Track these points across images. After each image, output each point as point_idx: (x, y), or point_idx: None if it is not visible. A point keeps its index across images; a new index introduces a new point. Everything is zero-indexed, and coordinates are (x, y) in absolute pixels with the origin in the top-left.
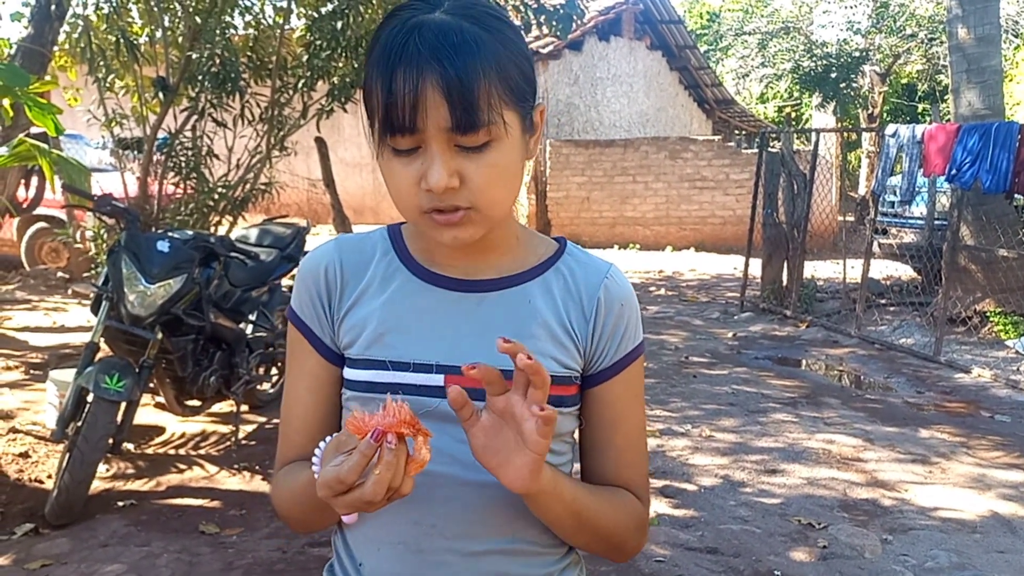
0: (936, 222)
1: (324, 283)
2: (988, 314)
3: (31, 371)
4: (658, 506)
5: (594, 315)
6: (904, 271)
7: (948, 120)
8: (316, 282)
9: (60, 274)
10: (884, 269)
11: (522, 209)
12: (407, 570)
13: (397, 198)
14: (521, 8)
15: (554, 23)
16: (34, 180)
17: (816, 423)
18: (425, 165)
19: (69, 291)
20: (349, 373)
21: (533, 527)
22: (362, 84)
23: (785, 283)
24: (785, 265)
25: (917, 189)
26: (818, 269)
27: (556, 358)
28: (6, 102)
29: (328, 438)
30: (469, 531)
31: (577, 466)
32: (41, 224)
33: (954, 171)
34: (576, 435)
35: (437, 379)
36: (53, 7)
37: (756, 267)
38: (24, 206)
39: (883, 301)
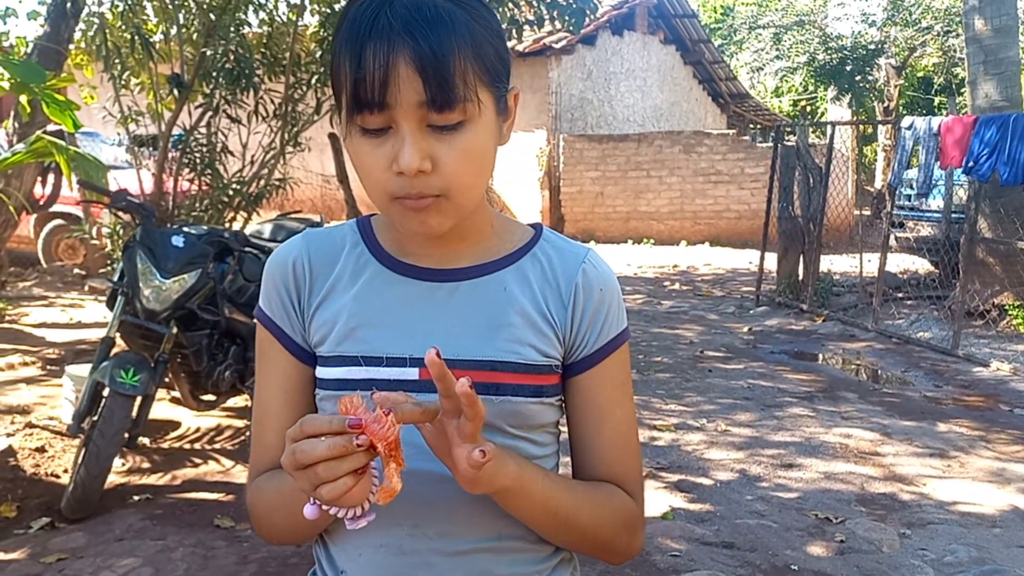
0: (953, 215)
1: (292, 279)
2: (1007, 307)
3: (47, 367)
4: (673, 500)
5: (572, 301)
6: (921, 265)
7: (965, 112)
8: (284, 278)
9: (76, 271)
10: (901, 263)
11: (535, 204)
12: (391, 573)
13: (366, 183)
14: (534, 3)
15: (567, 18)
16: (51, 177)
17: (833, 417)
18: (396, 147)
19: (85, 287)
20: (321, 372)
21: (520, 524)
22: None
23: (801, 277)
24: (801, 259)
25: (934, 182)
26: (834, 263)
27: (535, 346)
28: (23, 99)
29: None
30: (453, 530)
31: (567, 459)
32: (58, 221)
33: (971, 163)
34: (563, 427)
35: (411, 373)
36: (69, 5)
37: (772, 261)
38: (41, 203)
39: (900, 295)
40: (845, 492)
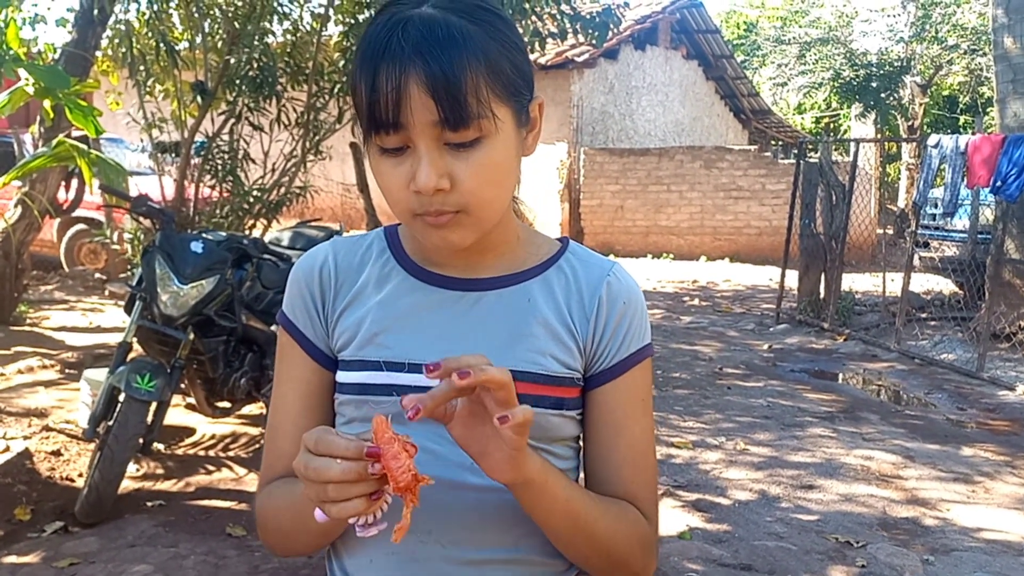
0: (979, 235)
1: (318, 284)
2: None
3: (66, 370)
4: (691, 520)
5: (595, 313)
6: (945, 285)
7: (992, 131)
8: (309, 283)
9: (98, 275)
10: (925, 283)
11: (555, 217)
12: None
13: (389, 200)
14: (557, 16)
15: (590, 31)
16: (74, 182)
17: (854, 438)
18: (413, 167)
19: (106, 292)
20: (342, 376)
21: (536, 535)
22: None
23: (822, 295)
24: (822, 277)
25: (960, 201)
26: (856, 282)
27: (557, 357)
28: (47, 104)
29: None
30: (467, 538)
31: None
32: (80, 226)
33: (999, 183)
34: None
35: (432, 380)
36: (96, 12)
37: (792, 278)
38: (64, 207)
39: (924, 315)
40: (866, 515)
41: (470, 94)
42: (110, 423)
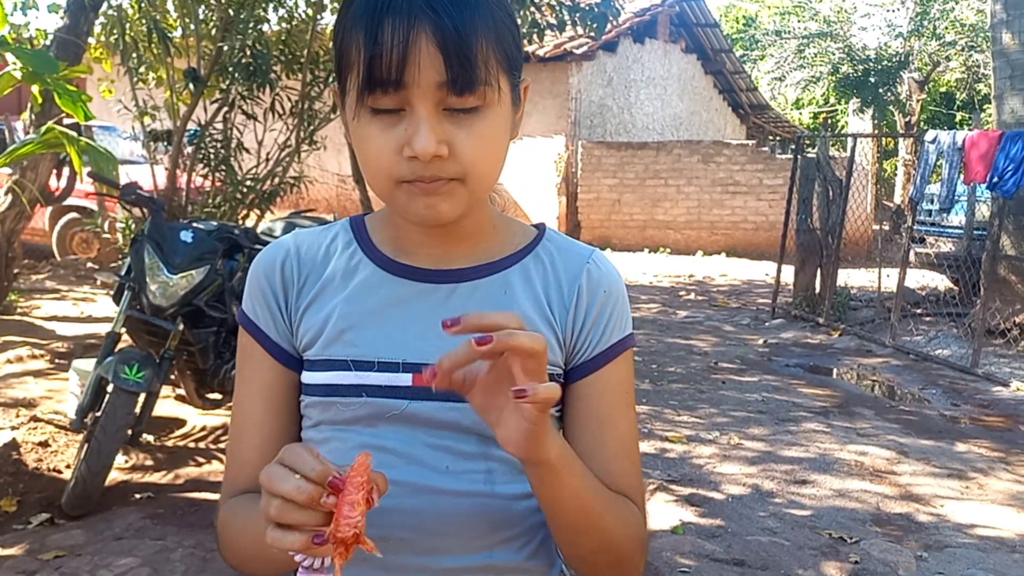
0: (975, 231)
1: (280, 279)
2: None
3: (56, 360)
4: (684, 514)
5: (575, 302)
6: (940, 281)
7: (989, 127)
8: (271, 279)
9: (90, 264)
10: (920, 279)
11: (552, 210)
12: None
13: (371, 167)
14: (555, 6)
15: (589, 23)
16: (65, 170)
17: (848, 434)
18: (410, 130)
19: (97, 281)
20: (307, 377)
21: (513, 541)
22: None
23: (818, 290)
24: (818, 272)
25: (956, 197)
26: (852, 277)
27: None
28: (35, 89)
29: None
30: (442, 545)
31: None
32: (73, 214)
33: (996, 179)
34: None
35: (404, 378)
36: None
37: (788, 273)
38: (55, 196)
39: (919, 311)
40: (860, 511)
41: (480, 57)
42: (98, 414)
